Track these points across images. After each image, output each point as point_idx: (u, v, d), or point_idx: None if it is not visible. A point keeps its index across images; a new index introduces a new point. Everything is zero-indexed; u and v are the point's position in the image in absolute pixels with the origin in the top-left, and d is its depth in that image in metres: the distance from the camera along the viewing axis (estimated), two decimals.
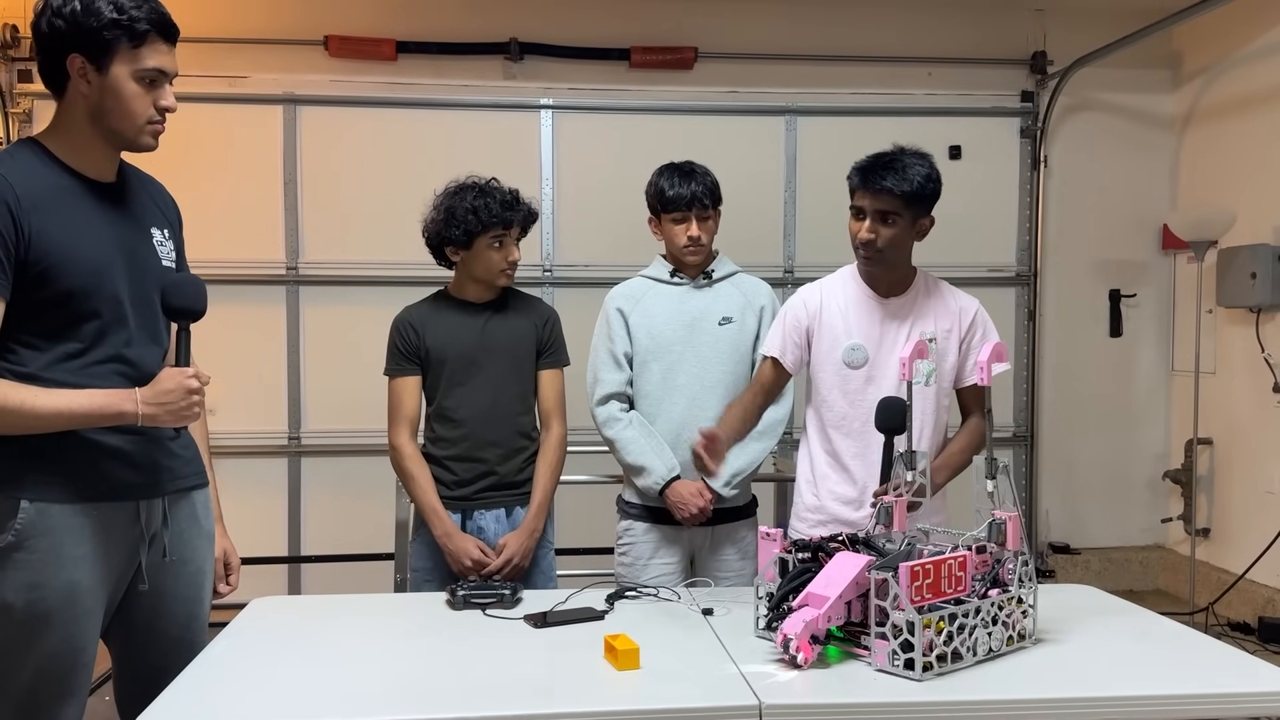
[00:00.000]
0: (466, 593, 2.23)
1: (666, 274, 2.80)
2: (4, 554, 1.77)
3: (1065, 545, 5.34)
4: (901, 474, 2.12)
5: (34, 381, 1.78)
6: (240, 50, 4.87)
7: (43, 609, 1.78)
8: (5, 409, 1.73)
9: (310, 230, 4.94)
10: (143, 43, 1.82)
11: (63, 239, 1.80)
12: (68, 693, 1.84)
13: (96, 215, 1.88)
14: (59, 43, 1.81)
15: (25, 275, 1.77)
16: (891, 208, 2.40)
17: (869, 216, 2.42)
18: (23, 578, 1.77)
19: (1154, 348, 5.41)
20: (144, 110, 1.86)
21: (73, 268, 1.81)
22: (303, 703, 1.68)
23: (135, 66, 1.83)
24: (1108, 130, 5.33)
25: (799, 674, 1.79)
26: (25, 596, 1.77)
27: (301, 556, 4.98)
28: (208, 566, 2.10)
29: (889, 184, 2.38)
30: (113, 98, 1.83)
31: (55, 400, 1.76)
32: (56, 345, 1.82)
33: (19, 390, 1.75)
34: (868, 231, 2.42)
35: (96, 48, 1.80)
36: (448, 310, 2.67)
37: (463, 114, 4.99)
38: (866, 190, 2.41)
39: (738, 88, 5.15)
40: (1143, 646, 2.00)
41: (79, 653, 1.84)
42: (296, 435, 4.97)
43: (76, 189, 1.86)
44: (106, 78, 1.82)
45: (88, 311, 1.84)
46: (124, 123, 1.86)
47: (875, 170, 2.40)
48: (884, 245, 2.43)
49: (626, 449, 2.71)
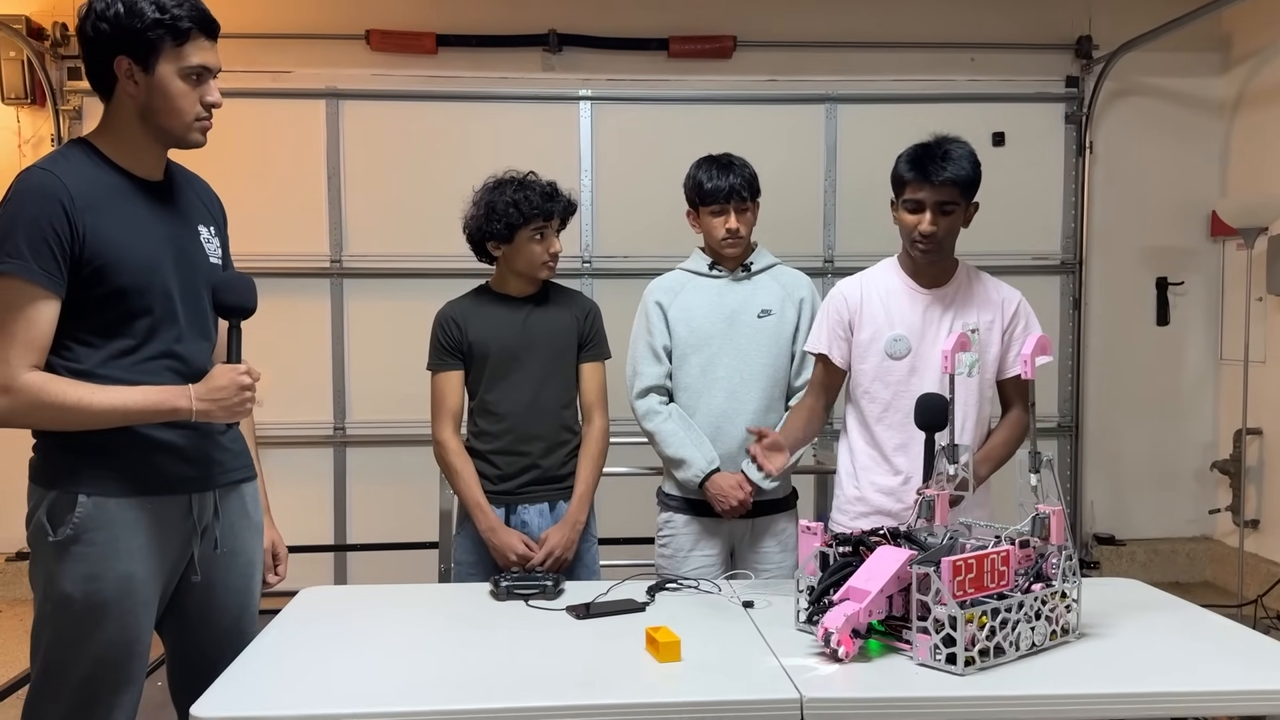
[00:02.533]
0: (510, 584, 2.26)
1: (705, 267, 2.80)
2: (63, 547, 1.82)
3: (1110, 537, 5.28)
4: (944, 468, 2.11)
5: (88, 378, 1.82)
6: (283, 45, 4.93)
7: (100, 600, 1.83)
8: (64, 406, 1.77)
9: (354, 223, 5.00)
10: (186, 40, 1.85)
11: (116, 237, 1.84)
12: (125, 681, 1.89)
13: (147, 213, 1.92)
14: (104, 46, 1.84)
15: (79, 274, 1.81)
16: (952, 198, 2.39)
17: (929, 209, 2.40)
18: (81, 570, 1.82)
19: (1202, 336, 5.32)
20: (191, 107, 1.89)
21: (126, 265, 1.85)
22: (351, 692, 1.71)
23: (180, 64, 1.86)
24: (1155, 115, 5.25)
25: (840, 668, 1.80)
26: (84, 588, 1.82)
27: (347, 545, 5.05)
28: (257, 557, 2.15)
29: (950, 174, 2.36)
30: (160, 96, 1.87)
31: (111, 397, 1.81)
32: (110, 342, 1.86)
33: (76, 388, 1.79)
34: (930, 224, 2.40)
35: (141, 48, 1.83)
36: (490, 305, 2.69)
37: (502, 106, 5.01)
38: (926, 183, 2.38)
39: (777, 76, 5.12)
40: (1188, 641, 1.99)
41: (135, 642, 1.89)
42: (341, 426, 5.04)
43: (127, 188, 1.90)
44: (153, 77, 1.85)
45: (140, 308, 1.88)
46: (173, 120, 1.89)
47: (933, 161, 2.38)
48: (944, 236, 2.42)
49: (666, 442, 2.72)
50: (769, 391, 2.74)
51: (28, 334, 1.77)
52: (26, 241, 1.76)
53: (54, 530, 1.82)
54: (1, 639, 4.37)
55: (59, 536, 1.82)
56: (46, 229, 1.77)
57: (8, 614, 4.71)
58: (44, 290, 1.78)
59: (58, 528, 1.82)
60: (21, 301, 1.76)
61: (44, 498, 1.84)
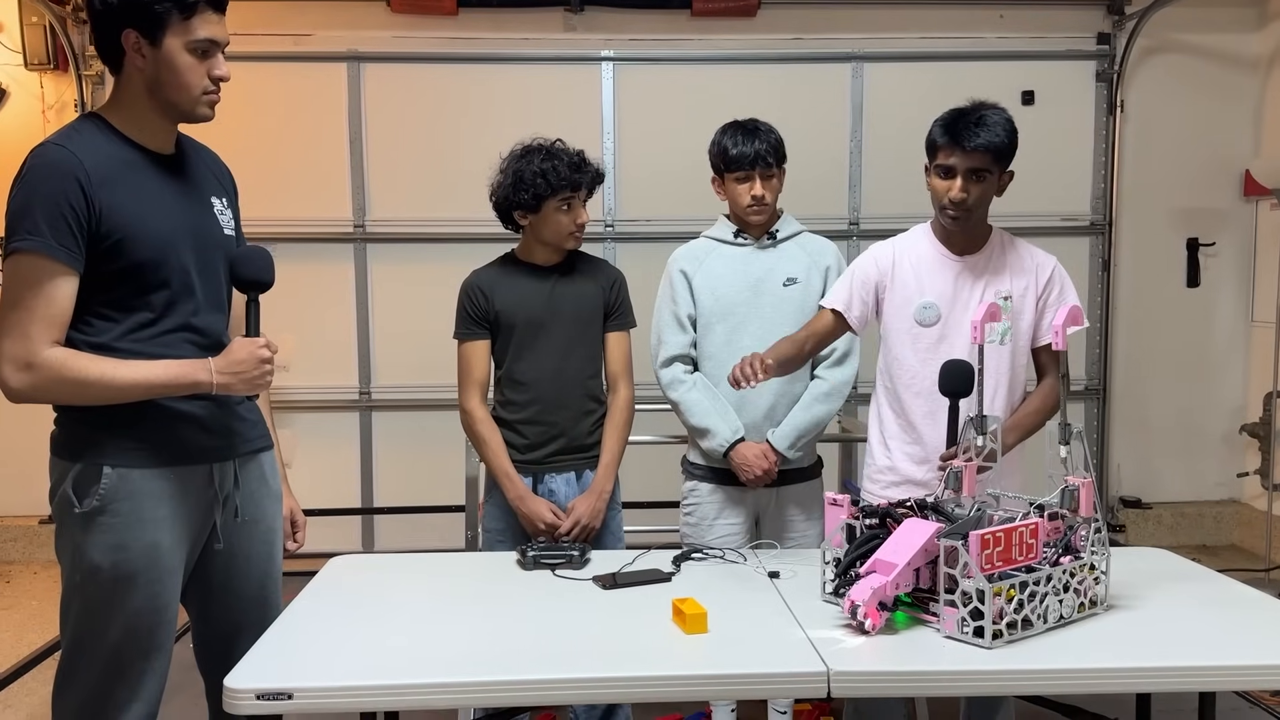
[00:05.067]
0: (537, 553, 2.26)
1: (730, 235, 2.77)
2: (90, 518, 1.83)
3: (1137, 500, 5.26)
4: (971, 438, 2.10)
5: (107, 352, 1.83)
6: (304, 8, 4.90)
7: (128, 569, 1.85)
8: (86, 382, 1.78)
9: (376, 187, 4.99)
10: (193, 14, 1.84)
11: (132, 212, 1.84)
12: (155, 648, 1.91)
13: (161, 187, 1.91)
14: (112, 19, 1.83)
15: (97, 248, 1.81)
16: (984, 165, 2.36)
17: (960, 175, 2.36)
18: (108, 540, 1.84)
19: (1233, 298, 5.25)
20: (198, 81, 1.88)
21: (142, 239, 1.85)
22: (383, 664, 1.73)
23: (187, 38, 1.84)
24: (1188, 73, 5.14)
25: (866, 640, 1.79)
26: (111, 558, 1.84)
27: (374, 508, 5.09)
28: (277, 525, 2.16)
29: (983, 140, 2.33)
30: (167, 70, 1.85)
31: (133, 372, 1.81)
32: (129, 316, 1.87)
33: (99, 363, 1.80)
34: (960, 191, 2.36)
35: (148, 22, 1.82)
36: (516, 274, 2.68)
37: (524, 68, 4.97)
38: (958, 148, 2.35)
39: (802, 35, 5.05)
40: (1217, 613, 1.97)
41: (163, 610, 1.91)
42: (367, 390, 5.07)
43: (140, 162, 1.90)
44: (160, 51, 1.84)
45: (157, 282, 1.88)
46: (180, 94, 1.88)
47: (966, 127, 2.34)
48: (974, 203, 2.39)
49: (691, 411, 2.71)
50: None
51: (48, 310, 1.77)
52: (45, 218, 1.76)
53: (80, 502, 1.83)
54: (37, 601, 4.45)
55: (85, 508, 1.83)
56: (64, 205, 1.77)
57: (43, 575, 4.79)
58: (63, 266, 1.78)
59: (84, 499, 1.83)
60: (41, 278, 1.77)
61: (68, 470, 1.86)
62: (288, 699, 1.62)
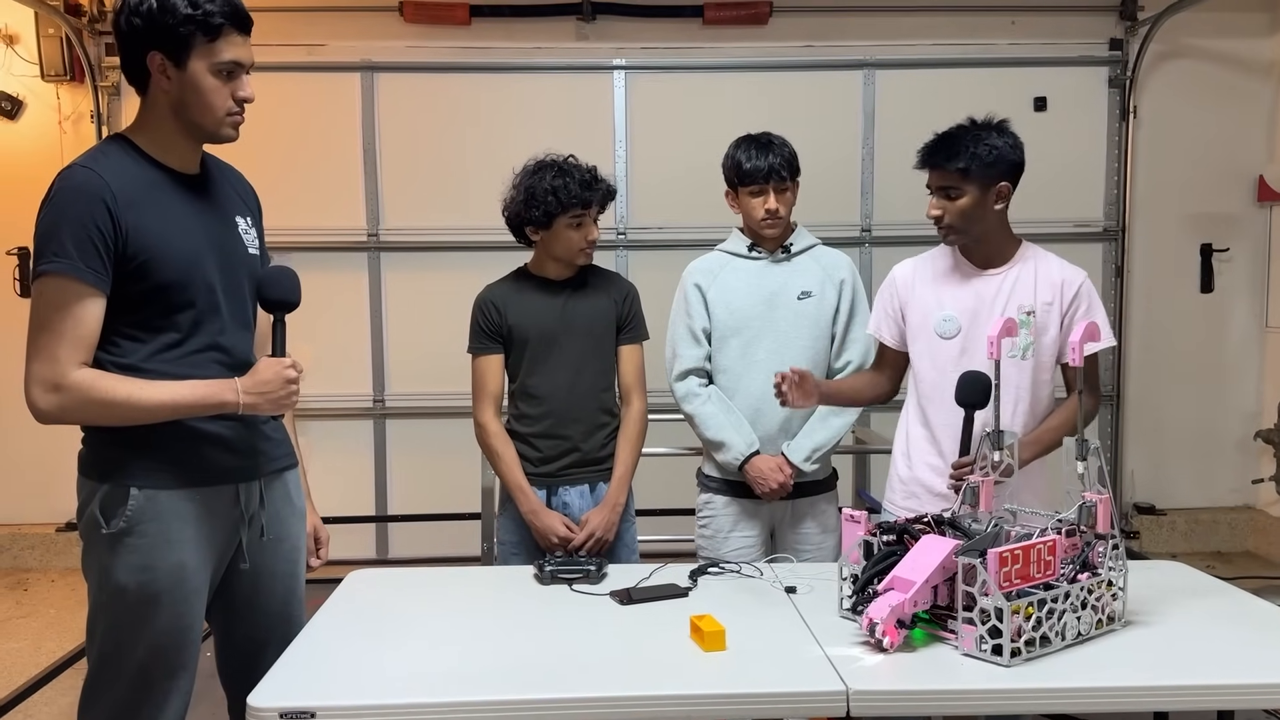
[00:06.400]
0: (554, 568, 2.27)
1: (744, 248, 2.78)
2: (117, 539, 1.85)
3: (1151, 506, 5.24)
4: (987, 453, 2.10)
5: (135, 372, 1.85)
6: (317, 18, 4.92)
7: (153, 590, 1.87)
8: (114, 403, 1.80)
9: (390, 197, 5.01)
10: (218, 36, 1.85)
11: (158, 233, 1.86)
12: (179, 666, 1.93)
13: (186, 207, 1.93)
14: (138, 41, 1.85)
15: (124, 270, 1.83)
16: (949, 182, 2.42)
17: (933, 193, 2.46)
18: (135, 560, 1.86)
19: (1247, 303, 5.23)
20: (223, 103, 1.90)
21: (169, 260, 1.87)
22: (403, 682, 1.74)
23: (212, 60, 1.86)
24: (1201, 78, 5.12)
25: (885, 658, 1.80)
26: (137, 578, 1.86)
27: (388, 516, 5.11)
28: (301, 542, 2.18)
29: (938, 161, 2.42)
30: (192, 92, 1.87)
31: (160, 392, 1.83)
32: (156, 336, 1.88)
33: (126, 384, 1.82)
34: (934, 208, 2.45)
35: (174, 44, 1.84)
36: (528, 289, 2.69)
37: (536, 77, 4.99)
38: (926, 167, 2.46)
39: (813, 42, 5.06)
40: (1235, 629, 1.97)
41: (188, 630, 1.93)
42: (381, 398, 5.09)
43: (165, 182, 1.91)
44: (185, 73, 1.86)
45: (184, 302, 1.90)
46: (204, 116, 1.89)
47: (932, 149, 2.44)
48: (952, 220, 2.43)
49: (706, 424, 2.72)
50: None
51: (76, 332, 1.79)
52: (73, 240, 1.78)
53: (107, 523, 1.85)
54: (54, 610, 4.48)
55: (112, 529, 1.85)
56: (91, 227, 1.78)
57: (60, 584, 4.82)
58: (90, 288, 1.80)
59: (111, 520, 1.85)
60: (69, 300, 1.79)
61: (96, 491, 1.87)
62: (310, 718, 1.63)
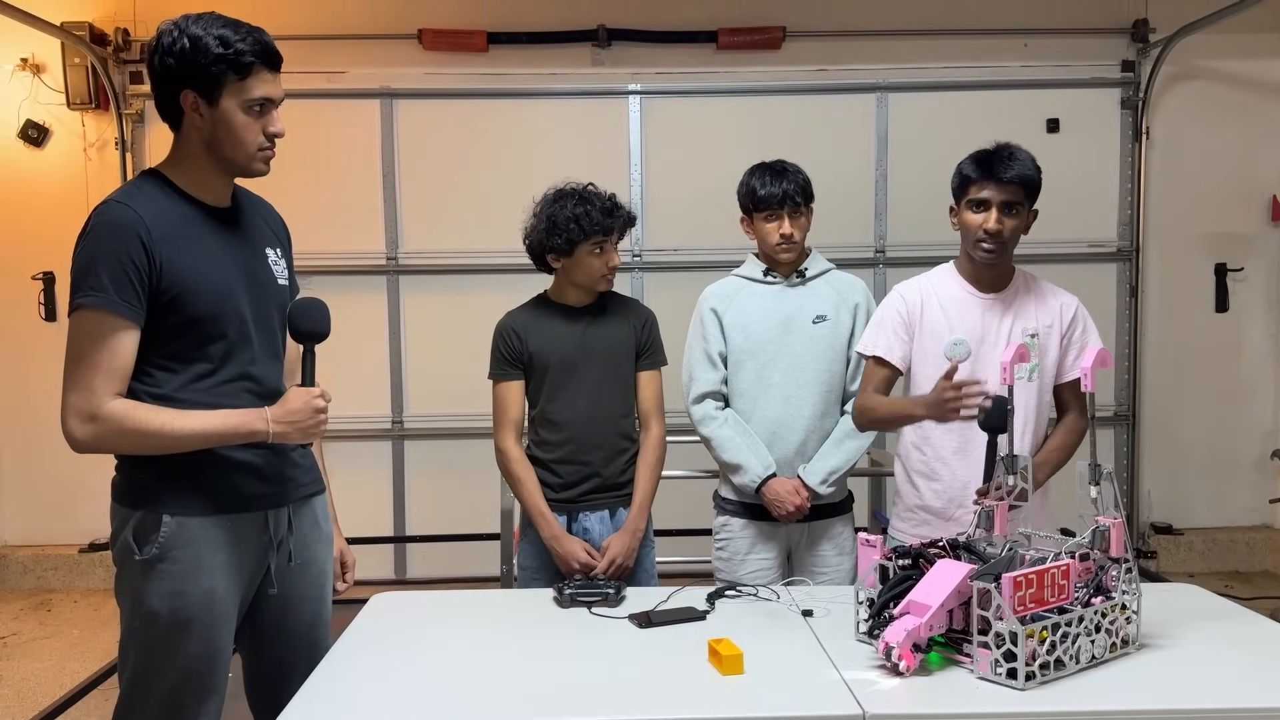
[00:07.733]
0: (573, 592, 2.30)
1: (760, 273, 2.82)
2: (149, 565, 1.90)
3: (1168, 526, 5.24)
4: (1003, 477, 2.12)
5: (168, 402, 1.90)
6: (337, 46, 5.01)
7: (184, 615, 1.91)
8: (147, 432, 1.85)
9: (409, 221, 5.08)
10: (248, 74, 1.91)
11: (191, 266, 1.91)
12: (209, 690, 1.97)
13: (218, 240, 1.99)
14: (172, 80, 1.91)
15: (157, 302, 1.89)
16: (1017, 198, 2.44)
17: (995, 207, 2.44)
18: (166, 587, 1.90)
19: (1262, 323, 5.24)
20: (254, 139, 1.95)
21: (201, 293, 1.92)
22: (426, 707, 1.77)
23: (243, 98, 1.92)
24: (1214, 99, 5.15)
25: (901, 681, 1.82)
26: (169, 604, 1.90)
27: (407, 536, 5.15)
28: (328, 567, 2.23)
29: (1016, 172, 2.41)
30: (224, 128, 1.93)
31: (192, 422, 1.88)
32: (189, 367, 1.94)
33: (159, 414, 1.87)
34: (996, 222, 2.44)
35: (206, 82, 1.89)
36: (549, 315, 2.73)
37: (553, 102, 5.05)
38: (991, 181, 2.43)
39: (827, 66, 5.10)
40: (1251, 653, 1.98)
41: (217, 654, 1.97)
42: (400, 419, 5.13)
43: (198, 217, 1.97)
44: (217, 110, 1.91)
45: (216, 334, 1.95)
46: (236, 151, 1.95)
47: (1000, 160, 2.44)
48: (1009, 236, 2.46)
49: (723, 447, 2.76)
50: (824, 397, 2.76)
51: (111, 363, 1.84)
52: (108, 274, 1.83)
53: (140, 549, 1.90)
54: (78, 630, 4.53)
55: (145, 555, 1.90)
56: (126, 261, 1.84)
57: (83, 604, 4.87)
58: (125, 320, 1.85)
59: (143, 547, 1.90)
60: (105, 332, 1.84)
61: (129, 518, 1.92)
62: None
